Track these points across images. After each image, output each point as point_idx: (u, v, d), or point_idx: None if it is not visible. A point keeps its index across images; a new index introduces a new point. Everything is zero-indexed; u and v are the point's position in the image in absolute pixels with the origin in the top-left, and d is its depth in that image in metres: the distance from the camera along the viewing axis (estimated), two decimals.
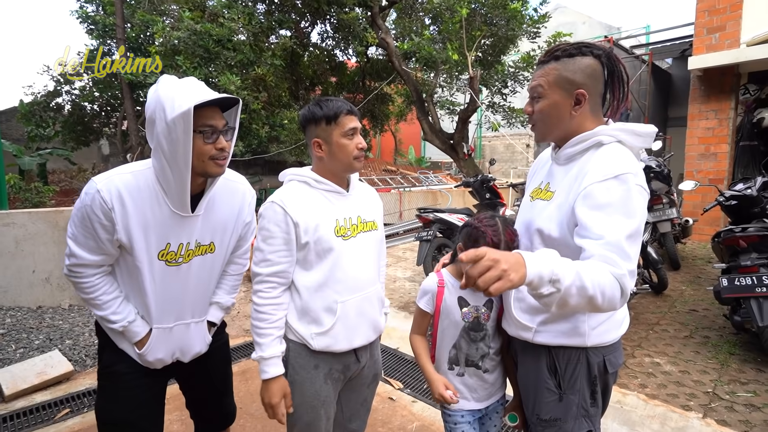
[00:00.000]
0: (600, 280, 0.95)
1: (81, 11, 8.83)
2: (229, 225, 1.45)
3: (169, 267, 1.34)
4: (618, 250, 0.99)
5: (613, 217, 1.02)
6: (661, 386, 2.76)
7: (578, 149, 1.17)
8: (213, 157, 1.27)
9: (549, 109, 1.17)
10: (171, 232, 1.31)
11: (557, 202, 1.17)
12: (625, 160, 1.08)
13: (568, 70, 1.14)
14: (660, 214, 4.89)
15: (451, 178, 12.66)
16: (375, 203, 1.60)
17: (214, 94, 1.27)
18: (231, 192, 1.46)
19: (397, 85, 10.98)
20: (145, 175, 1.29)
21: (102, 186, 1.23)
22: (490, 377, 1.44)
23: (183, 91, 1.21)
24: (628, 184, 1.04)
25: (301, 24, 9.39)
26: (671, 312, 4.01)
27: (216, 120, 1.27)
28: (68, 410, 2.64)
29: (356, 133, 1.42)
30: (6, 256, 3.63)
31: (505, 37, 8.70)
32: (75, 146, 9.68)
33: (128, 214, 1.24)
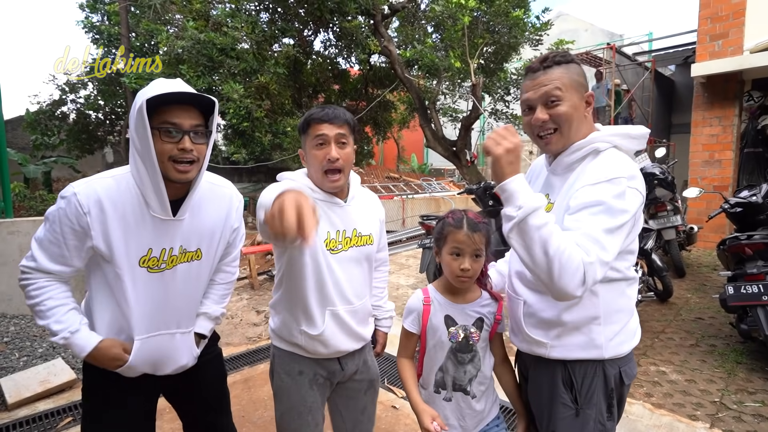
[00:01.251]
0: (566, 251, 0.96)
1: (86, 21, 8.95)
2: (216, 231, 1.37)
3: (151, 274, 1.26)
4: (592, 240, 0.99)
5: (598, 215, 1.02)
6: (667, 395, 2.72)
7: (576, 157, 1.15)
8: (173, 158, 1.18)
9: (572, 112, 1.12)
10: (152, 237, 1.24)
11: (556, 213, 1.15)
12: (621, 165, 1.08)
13: (576, 74, 1.14)
14: (664, 222, 4.87)
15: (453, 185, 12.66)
16: (375, 214, 1.55)
17: (188, 89, 1.20)
18: (218, 197, 1.39)
19: (399, 93, 11.03)
20: (126, 179, 1.23)
21: (79, 190, 1.17)
22: (479, 405, 1.36)
23: (150, 87, 1.17)
24: (620, 186, 1.04)
25: (304, 32, 9.47)
26: (677, 320, 3.97)
27: (182, 119, 1.18)
28: (71, 419, 2.63)
29: (328, 141, 1.31)
30: (11, 264, 3.65)
31: (507, 44, 8.75)
32: (79, 154, 9.76)
33: (107, 219, 1.18)
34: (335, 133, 1.31)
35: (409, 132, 14.65)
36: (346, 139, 1.35)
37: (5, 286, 3.67)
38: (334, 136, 1.31)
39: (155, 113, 1.16)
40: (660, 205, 4.90)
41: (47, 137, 9.19)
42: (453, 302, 1.34)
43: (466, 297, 1.36)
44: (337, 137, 1.32)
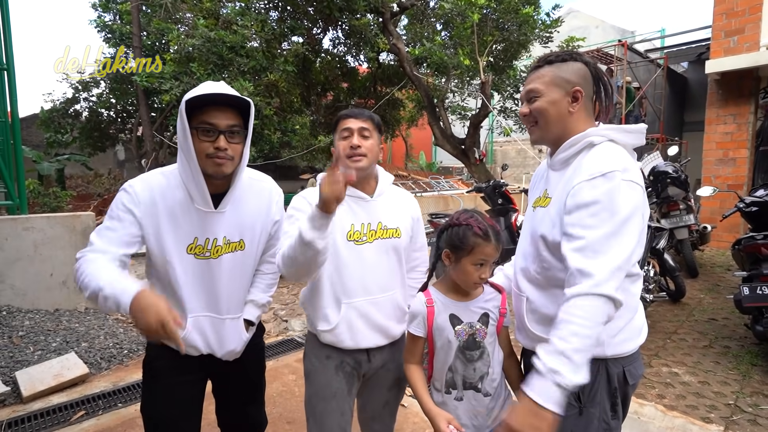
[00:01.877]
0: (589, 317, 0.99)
1: (99, 20, 9.03)
2: (257, 223, 1.48)
3: (198, 260, 1.39)
4: (594, 255, 1.02)
5: (598, 216, 1.04)
6: (680, 397, 2.69)
7: (572, 152, 1.19)
8: (210, 155, 1.30)
9: (547, 106, 1.20)
10: (197, 227, 1.37)
11: (554, 206, 1.18)
12: (615, 158, 1.10)
13: (564, 71, 1.20)
14: (677, 221, 4.80)
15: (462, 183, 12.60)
16: (406, 210, 1.57)
17: (226, 91, 1.29)
18: (257, 191, 1.50)
19: (408, 91, 10.99)
20: (174, 174, 1.38)
21: (135, 183, 1.35)
22: (492, 402, 1.34)
23: (194, 90, 1.29)
24: (614, 181, 1.06)
25: (313, 30, 9.47)
26: (689, 321, 3.92)
27: (218, 119, 1.29)
28: (83, 412, 2.67)
29: (353, 133, 1.43)
30: (25, 260, 3.71)
31: (517, 42, 8.66)
32: (92, 152, 9.87)
33: (158, 211, 1.33)
34: (358, 126, 1.43)
35: (418, 130, 14.60)
36: (369, 133, 1.45)
37: (20, 281, 3.73)
38: (357, 129, 1.43)
39: (196, 114, 1.29)
40: (672, 204, 4.83)
41: (60, 135, 9.31)
42: (456, 301, 1.34)
43: (470, 294, 1.35)
44: (360, 130, 1.43)
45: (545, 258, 1.19)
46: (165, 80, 6.51)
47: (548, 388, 0.97)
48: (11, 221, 3.67)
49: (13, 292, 3.69)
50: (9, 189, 3.90)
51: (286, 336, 3.85)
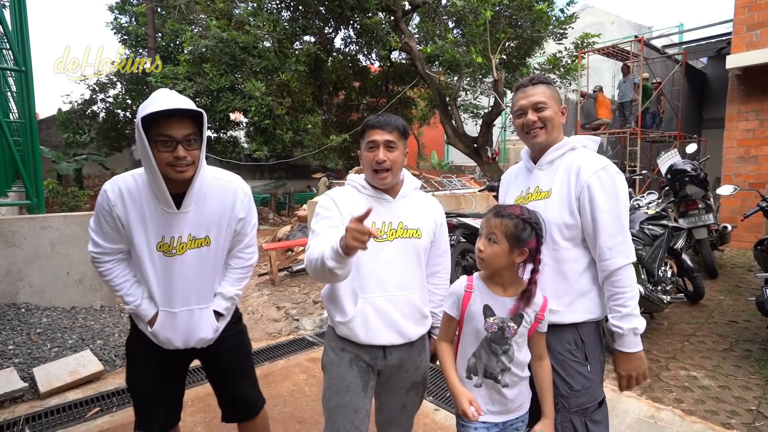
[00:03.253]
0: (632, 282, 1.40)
1: (115, 23, 9.19)
2: (223, 220, 1.58)
3: (166, 257, 1.52)
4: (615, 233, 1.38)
5: (609, 201, 1.39)
6: (699, 402, 2.61)
7: (558, 154, 1.51)
8: (170, 164, 1.40)
9: (554, 117, 1.49)
10: (164, 226, 1.49)
11: (558, 196, 1.45)
12: (599, 157, 1.47)
13: (554, 92, 1.51)
14: (695, 220, 4.68)
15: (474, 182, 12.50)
16: (428, 213, 1.59)
17: (179, 105, 1.38)
18: (221, 189, 1.59)
19: (420, 89, 10.95)
20: (143, 177, 1.49)
21: (108, 187, 1.48)
22: (510, 392, 1.37)
23: (146, 104, 1.38)
24: (611, 172, 1.42)
25: (324, 30, 9.49)
26: (708, 323, 3.81)
27: (174, 130, 1.39)
28: (98, 409, 2.70)
29: (378, 146, 1.47)
30: (43, 258, 3.78)
31: (530, 38, 8.55)
32: (108, 152, 10.07)
33: (128, 211, 1.46)
34: (384, 139, 1.48)
35: (430, 129, 14.53)
36: (395, 144, 1.49)
37: (38, 279, 3.81)
38: (383, 142, 1.48)
39: (153, 126, 1.38)
40: (691, 203, 4.71)
41: (78, 136, 9.52)
42: (494, 293, 1.36)
43: (509, 290, 1.37)
44: (386, 143, 1.48)
45: (555, 241, 1.43)
46: (179, 81, 6.59)
47: (632, 340, 1.40)
48: (29, 220, 3.75)
49: (32, 289, 3.77)
50: (27, 189, 3.98)
51: (297, 335, 3.86)
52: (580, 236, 1.44)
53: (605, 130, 10.09)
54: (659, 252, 3.54)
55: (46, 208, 7.45)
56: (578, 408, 1.42)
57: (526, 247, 1.32)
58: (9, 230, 3.64)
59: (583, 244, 1.45)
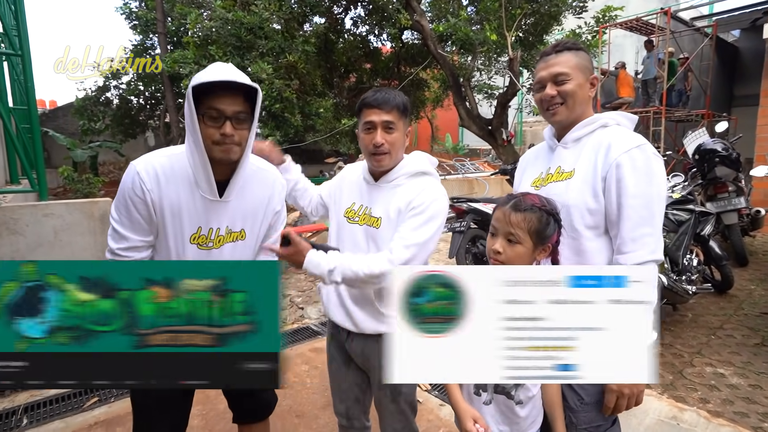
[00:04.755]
0: None
1: (125, 7, 9.12)
2: (259, 213, 1.45)
3: (200, 251, 1.37)
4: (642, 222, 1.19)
5: (641, 185, 1.19)
6: (727, 402, 2.42)
7: (586, 131, 1.32)
8: (216, 141, 1.26)
9: (577, 90, 1.29)
10: (202, 216, 1.34)
11: (581, 176, 1.27)
12: (637, 136, 1.27)
13: (583, 59, 1.31)
14: (725, 204, 4.39)
15: (488, 165, 12.20)
16: (399, 201, 1.41)
17: (234, 77, 1.24)
18: (261, 180, 1.46)
19: (432, 70, 10.64)
20: (180, 159, 1.33)
21: (140, 168, 1.28)
22: (523, 411, 1.21)
23: (200, 73, 1.25)
24: (647, 152, 1.23)
25: (333, 9, 9.23)
26: (737, 315, 3.58)
27: (225, 105, 1.25)
28: (96, 399, 2.68)
29: (375, 127, 1.39)
30: (46, 246, 3.76)
31: (547, 14, 8.16)
32: (123, 139, 10.12)
33: (162, 197, 1.29)
34: (382, 120, 1.39)
35: (443, 111, 14.18)
36: (394, 125, 1.40)
37: None
38: (381, 123, 1.39)
39: (204, 98, 1.25)
40: (720, 185, 4.42)
41: (93, 123, 9.58)
42: None
43: None
44: (384, 124, 1.39)
45: (576, 229, 1.26)
46: (186, 64, 6.48)
47: None
48: (31, 207, 3.73)
49: None
50: (28, 176, 3.96)
51: (302, 324, 3.78)
52: (604, 224, 1.25)
53: (627, 109, 9.65)
54: (684, 239, 3.31)
55: (63, 195, 7.53)
56: (588, 425, 1.25)
57: (550, 243, 1.16)
58: (11, 218, 3.62)
59: (607, 235, 1.27)
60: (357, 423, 1.66)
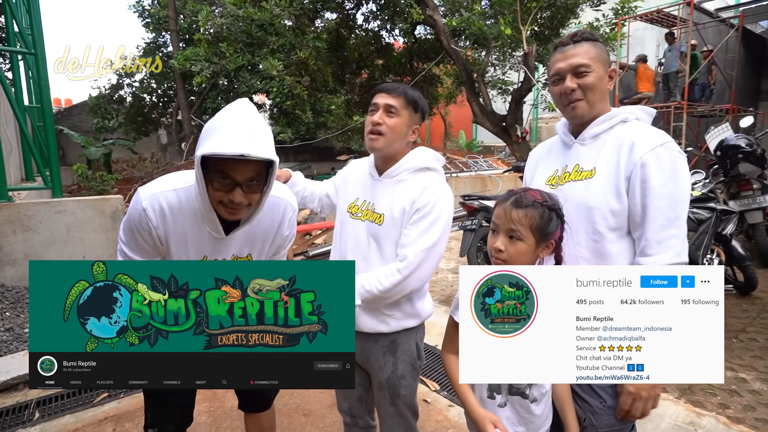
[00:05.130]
0: None
1: (138, 5, 9.22)
2: (267, 238, 1.43)
3: None
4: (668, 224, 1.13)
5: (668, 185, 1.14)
6: (748, 408, 2.32)
7: (605, 127, 1.25)
8: (222, 203, 1.23)
9: (598, 82, 1.23)
10: (208, 248, 1.35)
11: (603, 176, 1.21)
12: (660, 132, 1.21)
13: (601, 50, 1.25)
14: (749, 202, 4.22)
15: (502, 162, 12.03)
16: (405, 198, 1.37)
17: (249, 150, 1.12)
18: (272, 207, 1.40)
19: (446, 66, 10.53)
20: (188, 192, 1.30)
21: (147, 204, 1.27)
22: (538, 408, 1.17)
23: (216, 131, 1.16)
24: (672, 151, 1.17)
25: (345, 5, 9.18)
26: (761, 317, 3.44)
27: (236, 172, 1.18)
28: (106, 394, 2.70)
29: (379, 108, 1.39)
30: (59, 242, 3.82)
31: (564, 7, 7.99)
32: (136, 136, 10.27)
33: (168, 232, 1.30)
34: (385, 102, 1.39)
35: (457, 107, 14.04)
36: (396, 111, 1.39)
37: None
38: (383, 105, 1.39)
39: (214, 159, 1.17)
40: (744, 183, 4.25)
41: (107, 120, 9.73)
42: None
43: None
44: (386, 106, 1.38)
45: (598, 231, 1.20)
46: (197, 62, 6.52)
47: None
48: (45, 204, 3.79)
49: None
50: (42, 174, 4.02)
51: None
52: (626, 226, 1.20)
53: (647, 104, 9.38)
54: (705, 238, 3.19)
55: (77, 192, 7.66)
56: (608, 429, 1.21)
57: (553, 240, 1.12)
58: (25, 214, 3.69)
59: (629, 237, 1.21)
60: (361, 422, 1.64)
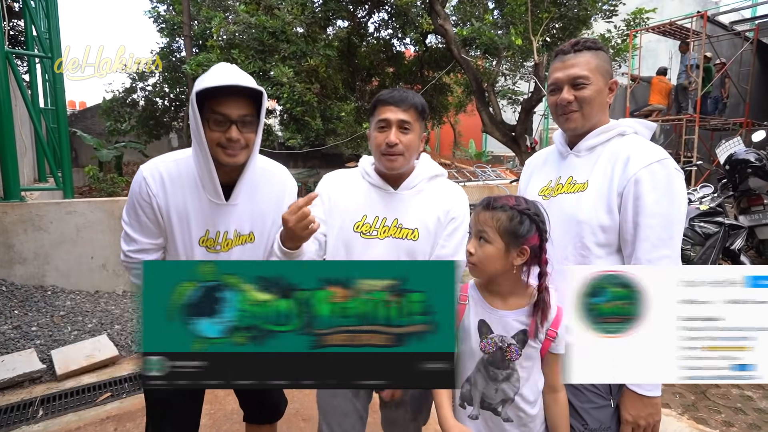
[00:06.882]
0: None
1: (153, 11, 9.40)
2: (269, 215, 1.42)
3: (209, 253, 1.37)
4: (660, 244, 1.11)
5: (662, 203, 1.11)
6: (753, 427, 2.27)
7: (601, 139, 1.23)
8: (221, 145, 1.25)
9: (596, 95, 1.20)
10: (209, 219, 1.34)
11: (596, 190, 1.18)
12: (657, 148, 1.19)
13: (603, 61, 1.21)
14: (759, 217, 4.16)
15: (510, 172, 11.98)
16: (436, 209, 1.37)
17: (238, 81, 1.22)
18: (271, 182, 1.43)
19: (456, 75, 10.55)
20: (187, 162, 1.32)
21: (147, 173, 1.30)
22: (514, 430, 1.14)
23: (203, 77, 1.23)
24: (669, 167, 1.14)
25: (356, 13, 9.27)
26: None
27: (230, 109, 1.23)
28: (109, 394, 2.73)
29: (390, 126, 1.30)
30: (69, 243, 3.89)
31: (576, 17, 7.96)
32: (147, 139, 10.40)
33: (169, 201, 1.30)
34: (398, 118, 1.30)
35: (467, 116, 14.03)
36: (410, 126, 1.31)
37: (64, 263, 3.92)
38: (396, 121, 1.30)
39: (208, 102, 1.24)
40: (754, 198, 4.19)
41: (120, 124, 9.88)
42: (491, 305, 1.12)
43: (509, 302, 1.12)
44: (399, 123, 1.30)
45: (586, 246, 1.18)
46: (209, 67, 6.62)
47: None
48: (56, 205, 3.86)
49: (58, 273, 3.89)
50: (54, 175, 4.09)
51: None
52: (617, 243, 1.18)
53: (658, 116, 9.30)
54: (712, 253, 3.14)
55: (88, 193, 7.78)
56: None
57: (526, 245, 1.07)
58: (37, 214, 3.76)
59: (619, 254, 1.19)
60: None
